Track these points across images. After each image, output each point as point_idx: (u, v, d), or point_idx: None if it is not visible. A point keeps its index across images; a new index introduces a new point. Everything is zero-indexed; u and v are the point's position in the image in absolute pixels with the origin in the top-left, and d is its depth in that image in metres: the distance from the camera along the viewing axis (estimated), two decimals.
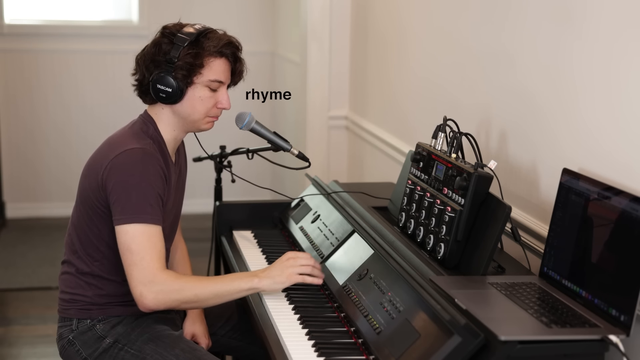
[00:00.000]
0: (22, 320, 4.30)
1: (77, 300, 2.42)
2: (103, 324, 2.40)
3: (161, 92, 2.33)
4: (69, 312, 2.43)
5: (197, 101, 2.36)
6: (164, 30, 2.37)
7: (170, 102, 2.35)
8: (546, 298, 1.97)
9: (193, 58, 2.32)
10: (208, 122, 2.42)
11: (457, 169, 2.26)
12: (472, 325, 1.79)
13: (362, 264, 2.35)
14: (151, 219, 2.26)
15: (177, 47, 2.32)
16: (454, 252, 2.21)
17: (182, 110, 2.37)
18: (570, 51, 2.27)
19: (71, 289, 2.43)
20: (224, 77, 2.39)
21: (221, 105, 2.40)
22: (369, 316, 2.11)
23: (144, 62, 2.37)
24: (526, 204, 2.49)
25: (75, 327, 2.42)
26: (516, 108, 2.56)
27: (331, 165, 4.57)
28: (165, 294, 2.23)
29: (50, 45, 5.89)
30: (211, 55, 2.35)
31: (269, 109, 6.07)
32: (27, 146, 5.99)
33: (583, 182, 2.00)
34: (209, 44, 2.34)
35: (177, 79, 2.32)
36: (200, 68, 2.34)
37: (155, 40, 2.37)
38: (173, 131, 2.42)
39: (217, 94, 2.39)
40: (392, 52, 3.77)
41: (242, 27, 6.05)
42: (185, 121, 2.40)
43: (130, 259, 2.24)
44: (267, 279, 2.30)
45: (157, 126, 2.40)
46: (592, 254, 1.94)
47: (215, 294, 2.27)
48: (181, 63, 2.32)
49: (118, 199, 2.26)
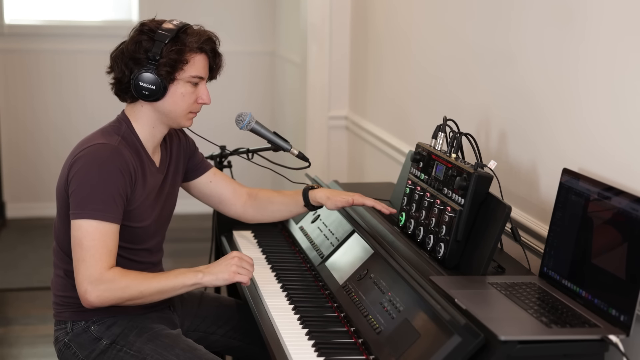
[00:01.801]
0: (23, 321, 4.31)
1: (69, 303, 2.41)
2: (98, 325, 2.40)
3: (144, 90, 2.31)
4: (63, 315, 2.43)
5: (179, 97, 2.35)
6: (142, 27, 2.35)
7: (152, 100, 2.33)
8: (546, 298, 1.97)
9: (177, 54, 2.31)
10: (189, 119, 2.42)
11: (457, 169, 2.26)
12: (472, 325, 1.79)
13: (362, 264, 2.35)
14: (105, 217, 2.24)
15: (159, 43, 2.30)
16: (454, 252, 2.21)
17: (164, 107, 2.36)
18: (571, 51, 2.27)
19: (61, 292, 2.43)
20: (204, 72, 2.39)
21: (201, 101, 2.40)
22: (369, 316, 2.11)
23: (123, 60, 2.34)
24: (526, 204, 2.49)
25: (70, 329, 2.42)
26: (516, 108, 2.56)
27: (331, 166, 4.57)
28: (110, 291, 2.22)
29: (50, 45, 5.90)
30: (192, 51, 2.34)
31: (269, 109, 6.08)
32: (27, 146, 5.99)
33: (583, 182, 2.00)
34: (190, 40, 2.33)
35: (161, 76, 2.31)
36: (184, 64, 2.33)
37: (133, 38, 2.35)
38: (152, 128, 2.40)
39: (198, 90, 2.39)
40: (392, 52, 3.77)
41: (241, 27, 6.07)
42: (166, 117, 2.39)
43: (80, 255, 2.23)
44: (211, 275, 2.30)
45: (131, 125, 2.38)
46: (592, 254, 1.94)
47: (159, 290, 2.27)
48: (165, 60, 2.30)
49: (75, 192, 2.26)
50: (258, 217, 2.72)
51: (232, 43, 6.05)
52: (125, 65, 2.34)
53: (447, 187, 2.29)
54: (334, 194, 2.61)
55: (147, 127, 2.40)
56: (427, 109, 3.33)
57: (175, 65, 2.32)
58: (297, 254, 2.77)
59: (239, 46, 6.01)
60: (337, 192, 2.62)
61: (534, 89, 2.46)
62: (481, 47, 2.82)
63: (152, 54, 2.30)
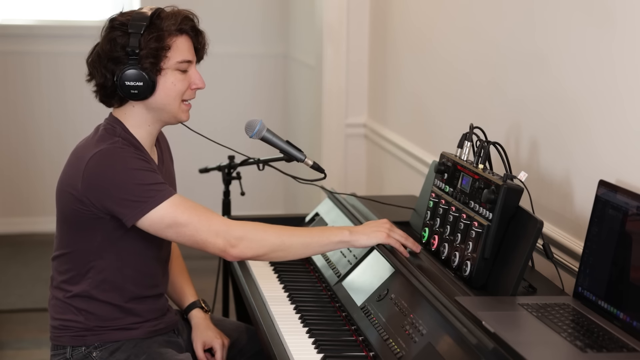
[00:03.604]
0: (15, 345, 4.33)
1: (68, 327, 2.42)
2: (100, 351, 2.41)
3: (132, 89, 2.31)
4: (62, 340, 2.44)
5: (171, 87, 2.36)
6: (112, 23, 2.35)
7: (142, 98, 2.33)
8: (581, 320, 1.98)
9: (157, 42, 2.31)
10: (184, 111, 2.42)
11: (485, 181, 2.27)
12: (500, 350, 1.80)
13: (382, 284, 2.36)
14: (170, 191, 2.30)
15: (135, 35, 2.30)
16: (481, 270, 2.22)
17: (157, 102, 2.36)
18: (610, 52, 2.28)
19: (60, 315, 2.44)
20: (191, 55, 2.39)
21: (195, 86, 2.41)
22: (389, 340, 2.12)
23: (101, 63, 2.35)
24: (559, 219, 2.50)
25: (69, 355, 2.43)
26: (549, 114, 2.57)
27: (348, 177, 4.58)
28: (249, 241, 2.31)
29: (46, 47, 5.92)
30: (172, 35, 2.34)
31: (280, 116, 6.09)
32: (20, 155, 6.01)
33: (621, 195, 2.01)
34: (167, 24, 2.33)
35: (146, 70, 2.31)
36: (166, 51, 2.32)
37: (106, 37, 2.35)
38: (148, 127, 2.41)
39: (189, 75, 2.39)
40: (414, 54, 3.79)
41: (250, 27, 6.08)
42: (161, 113, 2.39)
43: (187, 230, 2.28)
44: (361, 234, 2.38)
45: (125, 126, 2.39)
46: (630, 272, 1.94)
47: (302, 243, 2.36)
48: (145, 51, 2.30)
49: (122, 199, 2.26)
50: None
51: (240, 45, 6.08)
52: (105, 68, 2.34)
53: (473, 200, 2.31)
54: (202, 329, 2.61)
55: (143, 127, 2.41)
56: (452, 116, 3.35)
57: (157, 54, 2.31)
58: (312, 272, 2.79)
59: (248, 48, 6.02)
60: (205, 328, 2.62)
61: (568, 93, 2.47)
62: (510, 49, 2.83)
63: (131, 48, 2.29)
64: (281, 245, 2.34)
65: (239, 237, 2.31)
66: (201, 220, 2.29)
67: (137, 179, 2.27)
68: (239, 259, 2.35)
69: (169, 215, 2.27)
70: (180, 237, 2.30)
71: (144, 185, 2.27)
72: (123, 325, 2.41)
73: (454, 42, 3.33)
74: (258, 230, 2.34)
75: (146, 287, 2.45)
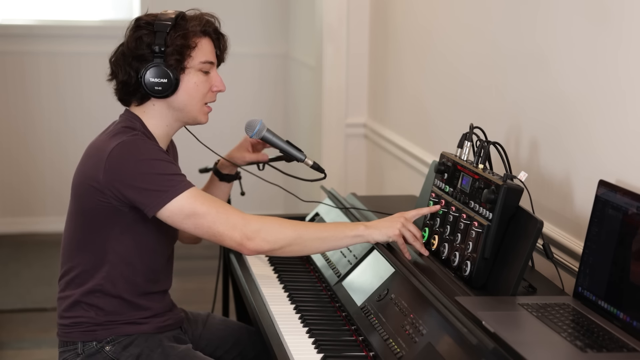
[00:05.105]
0: (16, 345, 4.33)
1: (79, 324, 2.43)
2: (113, 345, 2.42)
3: (156, 86, 2.36)
4: (72, 336, 2.44)
5: (193, 88, 2.41)
6: (138, 22, 2.41)
7: (165, 95, 2.38)
8: (581, 320, 1.98)
9: (183, 39, 2.37)
10: (205, 113, 2.47)
11: (485, 181, 2.27)
12: (501, 350, 1.80)
13: (382, 284, 2.37)
14: (188, 184, 2.32)
15: (161, 34, 2.35)
16: (481, 270, 2.22)
17: (179, 101, 2.41)
18: (610, 51, 2.28)
19: (70, 313, 2.44)
20: (213, 56, 2.45)
21: (216, 88, 2.46)
22: (389, 340, 2.13)
23: (126, 61, 2.39)
24: (559, 219, 2.50)
25: (81, 350, 2.43)
26: (549, 114, 2.57)
27: (349, 177, 4.58)
28: (266, 234, 2.33)
29: (46, 47, 5.93)
30: (197, 35, 2.40)
31: (281, 116, 6.10)
32: (20, 154, 6.01)
33: (621, 195, 2.01)
34: (191, 24, 2.40)
35: (171, 67, 2.36)
36: (191, 49, 2.38)
37: (132, 35, 2.40)
38: (166, 126, 2.45)
39: (210, 77, 2.44)
40: (415, 54, 3.79)
41: (250, 27, 6.08)
42: (181, 113, 2.43)
43: (206, 222, 2.31)
44: (375, 229, 2.39)
45: (143, 123, 2.42)
46: (630, 272, 1.94)
47: (319, 237, 2.37)
48: (171, 48, 2.36)
49: (144, 189, 2.29)
50: None
51: (240, 45, 6.03)
52: (130, 66, 2.38)
53: (473, 200, 2.31)
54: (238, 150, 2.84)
55: (161, 126, 2.45)
56: (452, 116, 3.35)
57: (182, 51, 2.37)
58: (312, 272, 2.79)
59: (248, 48, 6.03)
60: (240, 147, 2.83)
61: (568, 93, 2.47)
62: (510, 49, 2.83)
63: (157, 46, 2.35)
64: (298, 239, 2.36)
65: (256, 231, 2.33)
66: (219, 213, 2.32)
67: (159, 169, 2.30)
68: (255, 253, 2.36)
69: (188, 205, 2.29)
70: (197, 228, 2.32)
71: (165, 175, 2.30)
72: (133, 319, 2.43)
73: (454, 42, 3.33)
74: (275, 224, 2.36)
75: (154, 283, 2.48)
